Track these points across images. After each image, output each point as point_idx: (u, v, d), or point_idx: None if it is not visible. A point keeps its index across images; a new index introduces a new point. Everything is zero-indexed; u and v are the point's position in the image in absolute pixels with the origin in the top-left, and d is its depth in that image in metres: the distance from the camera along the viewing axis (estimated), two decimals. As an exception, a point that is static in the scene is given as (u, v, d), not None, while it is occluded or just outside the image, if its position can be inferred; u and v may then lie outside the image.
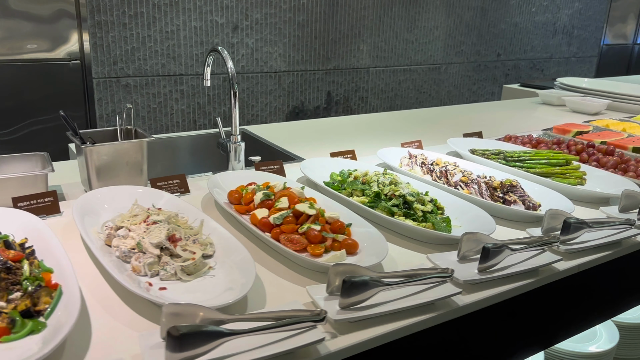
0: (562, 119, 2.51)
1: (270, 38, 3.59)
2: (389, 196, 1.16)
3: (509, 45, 4.94)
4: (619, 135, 1.91)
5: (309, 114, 3.93)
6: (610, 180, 1.43)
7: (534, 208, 1.23)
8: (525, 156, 1.50)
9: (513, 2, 4.81)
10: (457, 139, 1.72)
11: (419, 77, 4.46)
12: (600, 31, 5.63)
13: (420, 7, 4.25)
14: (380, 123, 2.31)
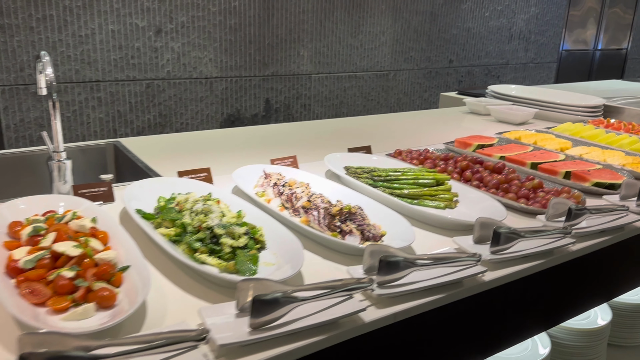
0: (487, 128, 2.35)
1: (199, 42, 3.41)
2: (197, 228, 0.99)
3: (461, 51, 4.81)
4: (523, 148, 1.76)
5: (246, 121, 3.75)
6: (484, 203, 1.27)
7: (375, 238, 1.06)
8: (393, 175, 1.34)
9: (465, 7, 4.69)
10: (337, 155, 1.55)
11: (366, 84, 4.31)
12: (559, 36, 5.53)
13: (364, 12, 4.10)
14: (288, 134, 2.14)
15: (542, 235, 1.10)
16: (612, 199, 1.37)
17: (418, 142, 1.96)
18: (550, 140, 1.91)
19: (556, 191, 1.38)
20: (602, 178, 1.47)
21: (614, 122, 2.24)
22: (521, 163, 1.62)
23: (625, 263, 1.35)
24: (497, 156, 1.69)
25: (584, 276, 1.23)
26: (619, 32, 6.14)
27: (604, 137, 1.98)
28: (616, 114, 2.48)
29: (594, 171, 1.52)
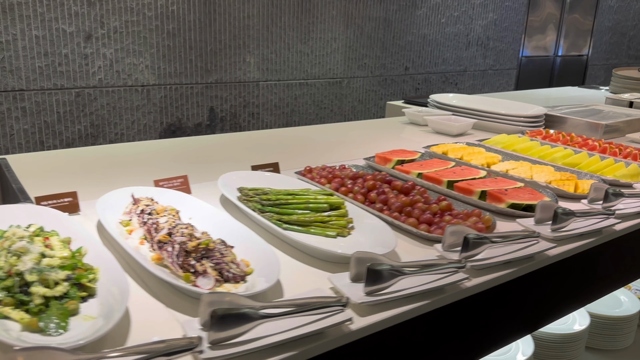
0: (425, 140, 2.23)
1: (134, 48, 3.23)
2: (7, 274, 0.82)
3: (417, 58, 4.71)
4: (445, 164, 1.63)
5: (188, 131, 3.58)
6: (379, 230, 1.13)
7: (236, 278, 0.91)
8: (283, 199, 1.19)
9: (420, 13, 4.59)
10: (237, 174, 1.40)
11: (318, 91, 4.17)
12: (518, 43, 5.48)
13: (314, 18, 3.97)
14: (211, 147, 1.98)
15: (431, 270, 0.96)
16: (526, 223, 1.25)
17: (346, 156, 1.82)
18: (478, 154, 1.79)
19: (465, 214, 1.25)
20: (519, 198, 1.34)
21: (553, 133, 2.14)
22: (437, 181, 1.48)
23: (540, 295, 1.22)
24: (415, 173, 1.56)
25: (477, 317, 1.10)
26: (579, 38, 6.13)
27: (537, 150, 1.86)
28: (559, 123, 2.38)
29: (513, 190, 1.39)
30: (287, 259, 1.06)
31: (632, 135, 2.26)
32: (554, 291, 1.26)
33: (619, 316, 1.63)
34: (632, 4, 6.65)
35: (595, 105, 2.75)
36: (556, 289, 1.26)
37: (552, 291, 1.25)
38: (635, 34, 6.90)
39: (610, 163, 1.74)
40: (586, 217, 1.26)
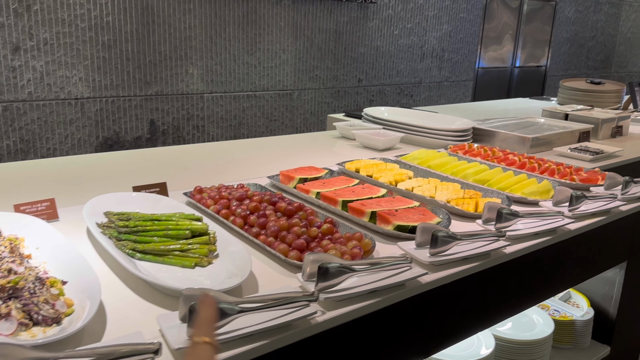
0: (350, 154, 2.17)
1: (66, 60, 3.13)
2: None
3: (371, 70, 4.68)
4: (348, 182, 1.56)
5: (127, 145, 3.47)
6: (243, 258, 1.05)
7: (46, 321, 0.82)
8: (141, 226, 1.10)
9: (372, 25, 4.57)
10: (112, 197, 1.31)
11: (268, 103, 4.10)
12: (474, 54, 5.49)
13: (261, 29, 3.91)
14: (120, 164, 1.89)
15: (278, 304, 0.89)
16: (407, 247, 1.18)
17: (263, 172, 1.74)
18: (389, 170, 1.73)
19: (346, 238, 1.18)
20: (407, 220, 1.28)
21: (476, 147, 2.09)
22: (333, 201, 1.42)
23: (413, 328, 1.15)
24: (314, 192, 1.49)
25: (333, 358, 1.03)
26: (537, 49, 6.18)
27: (452, 166, 1.81)
28: (488, 137, 2.34)
29: (404, 211, 1.33)
30: (127, 293, 0.97)
31: (560, 149, 2.23)
32: (431, 323, 1.19)
33: (530, 340, 1.57)
34: (589, 15, 6.74)
35: (532, 117, 2.72)
36: (433, 320, 1.19)
37: (427, 323, 1.18)
38: (594, 45, 7.00)
39: (522, 179, 1.69)
40: (472, 240, 1.20)
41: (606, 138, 2.58)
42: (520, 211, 1.33)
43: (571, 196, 1.44)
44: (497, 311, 1.36)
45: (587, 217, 1.47)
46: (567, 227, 1.39)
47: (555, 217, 1.38)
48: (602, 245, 1.59)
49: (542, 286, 1.47)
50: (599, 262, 1.63)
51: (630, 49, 7.60)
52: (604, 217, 1.49)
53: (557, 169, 1.82)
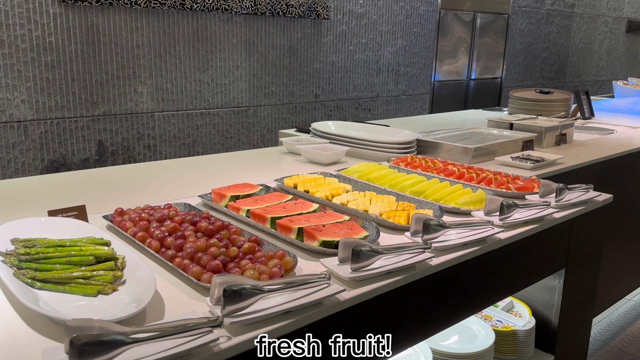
0: (295, 170, 2.14)
1: (7, 82, 3.03)
2: None
3: (327, 85, 4.69)
4: (281, 198, 1.53)
5: (74, 167, 3.37)
6: (148, 284, 1.00)
7: None
8: (43, 253, 1.05)
9: (326, 41, 4.58)
10: (23, 222, 1.24)
11: (222, 121, 4.05)
12: (430, 68, 5.56)
13: (212, 46, 3.87)
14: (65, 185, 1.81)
15: (176, 333, 0.84)
16: (329, 263, 1.15)
17: (203, 189, 1.69)
18: (326, 185, 1.71)
19: (268, 256, 1.14)
20: (334, 235, 1.25)
21: (417, 159, 2.09)
22: (262, 218, 1.38)
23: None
24: (245, 210, 1.45)
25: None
26: (492, 62, 6.31)
27: (390, 178, 1.80)
28: (432, 148, 2.34)
29: (332, 226, 1.30)
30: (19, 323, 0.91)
31: (501, 158, 2.24)
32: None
33: (470, 352, 1.55)
34: (541, 27, 6.93)
35: (477, 128, 2.75)
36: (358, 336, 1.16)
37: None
38: (547, 56, 7.18)
39: (457, 189, 1.68)
40: (397, 253, 1.18)
41: (550, 146, 2.62)
42: (449, 222, 1.32)
43: (501, 205, 1.44)
44: (430, 324, 1.34)
45: (519, 226, 1.47)
46: (497, 236, 1.38)
47: (485, 226, 1.37)
48: (538, 253, 1.59)
49: (478, 296, 1.46)
50: (537, 270, 1.63)
51: (582, 59, 7.84)
52: (536, 225, 1.49)
53: (495, 178, 1.83)
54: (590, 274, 1.82)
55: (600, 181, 2.49)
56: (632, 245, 3.02)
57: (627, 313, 3.15)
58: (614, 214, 2.73)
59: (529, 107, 3.65)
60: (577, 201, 1.66)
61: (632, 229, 2.99)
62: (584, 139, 2.91)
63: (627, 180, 2.79)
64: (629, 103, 4.00)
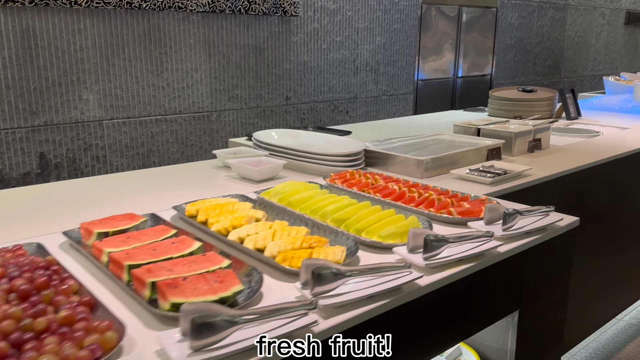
0: (230, 188, 1.86)
1: None
2: None
3: (299, 86, 4.40)
4: (161, 234, 1.25)
5: (13, 182, 3.11)
6: None
7: None
8: None
9: (296, 39, 4.30)
10: None
11: (182, 127, 3.78)
12: (413, 66, 5.26)
13: (167, 47, 3.60)
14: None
15: None
16: (166, 339, 0.87)
17: (87, 218, 1.42)
18: (232, 213, 1.42)
19: (91, 329, 0.86)
20: (194, 293, 0.96)
21: (357, 175, 1.80)
22: (120, 267, 1.10)
23: None
24: (106, 253, 1.17)
25: None
26: (480, 58, 6.00)
27: (314, 202, 1.51)
28: (382, 160, 2.05)
29: (196, 278, 1.01)
30: None
31: (458, 171, 1.95)
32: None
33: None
34: (533, 21, 6.61)
35: (441, 134, 2.46)
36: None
37: None
38: (541, 51, 6.86)
39: (388, 215, 1.40)
40: (264, 320, 0.89)
41: (522, 154, 2.33)
42: (349, 270, 1.03)
43: (425, 241, 1.15)
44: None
45: (450, 265, 1.18)
46: (417, 282, 1.10)
47: (401, 271, 1.09)
48: (480, 296, 1.30)
49: (412, 350, 1.17)
50: (484, 314, 1.34)
51: (578, 53, 7.51)
52: (473, 263, 1.21)
53: (438, 198, 1.54)
54: (553, 311, 1.53)
55: (579, 193, 2.20)
56: (620, 260, 2.72)
57: (616, 336, 2.84)
58: (597, 227, 2.44)
59: (509, 107, 3.36)
60: (532, 229, 1.37)
61: (620, 243, 2.69)
62: (565, 143, 2.61)
63: (613, 189, 2.49)
64: (620, 100, 3.69)
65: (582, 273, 2.41)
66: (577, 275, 2.35)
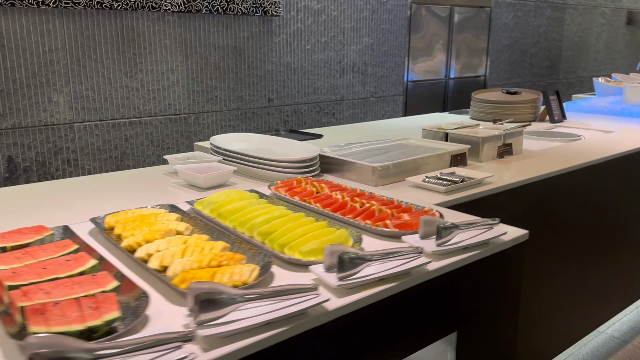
0: (173, 197, 1.77)
1: None
2: None
3: (282, 88, 4.31)
4: (62, 248, 1.16)
5: (-21, 186, 3.04)
6: None
7: None
8: None
9: (279, 40, 4.20)
10: None
11: (158, 130, 3.70)
12: (402, 67, 5.15)
13: (141, 48, 3.52)
14: None
15: None
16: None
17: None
18: (149, 226, 1.33)
19: None
20: (48, 320, 0.87)
21: (303, 183, 1.70)
22: (1, 287, 1.01)
23: None
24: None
25: None
26: (473, 58, 5.87)
27: (244, 213, 1.41)
28: (338, 166, 1.95)
29: (70, 303, 0.92)
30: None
31: (414, 179, 1.84)
32: None
33: None
34: (529, 20, 6.48)
35: (407, 139, 2.35)
36: None
37: None
38: (537, 52, 6.72)
39: (319, 227, 1.30)
40: (130, 354, 0.80)
41: (491, 159, 2.21)
42: (244, 294, 0.93)
43: (339, 260, 1.05)
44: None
45: (369, 285, 1.08)
46: (325, 306, 1.00)
47: (308, 294, 0.99)
48: (413, 316, 1.20)
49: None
50: (416, 337, 1.23)
51: (578, 53, 7.36)
52: (395, 283, 1.10)
53: (379, 209, 1.44)
54: (500, 332, 1.43)
55: (549, 202, 2.09)
56: (600, 271, 2.60)
57: (596, 349, 2.72)
58: (570, 236, 2.32)
59: (491, 110, 3.25)
60: (471, 244, 1.26)
61: (598, 252, 2.57)
62: (542, 148, 2.50)
63: (590, 196, 2.37)
64: (610, 102, 3.56)
65: (557, 284, 2.30)
66: (551, 286, 2.24)
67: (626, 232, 2.68)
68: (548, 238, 2.16)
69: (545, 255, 2.17)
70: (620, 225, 2.63)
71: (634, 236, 2.74)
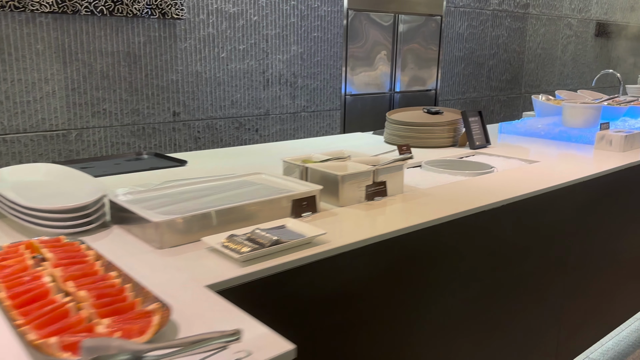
0: None
1: None
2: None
3: (190, 101, 3.81)
4: None
5: None
6: None
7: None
8: None
9: (185, 46, 3.71)
10: None
11: (28, 149, 3.18)
12: (339, 79, 4.68)
13: (5, 54, 3.01)
14: None
15: None
16: None
17: None
18: None
19: None
20: None
21: (43, 247, 1.20)
22: None
23: None
24: None
25: None
26: (422, 71, 5.42)
27: None
28: (127, 217, 1.45)
29: None
30: None
31: (209, 239, 1.34)
32: None
33: None
34: (486, 30, 6.05)
35: (258, 174, 1.86)
36: None
37: None
38: (496, 64, 6.30)
39: None
40: None
41: (357, 202, 1.73)
42: None
43: None
44: None
45: None
46: None
47: None
48: None
49: None
50: None
51: (541, 66, 6.95)
52: None
53: (78, 308, 0.94)
54: None
55: (412, 260, 1.60)
56: (504, 344, 2.12)
57: None
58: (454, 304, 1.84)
59: (405, 132, 2.78)
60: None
61: (497, 320, 2.09)
62: (437, 184, 2.01)
63: (482, 247, 1.90)
64: (547, 124, 3.11)
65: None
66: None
67: (536, 289, 2.21)
68: (417, 305, 1.69)
69: (427, 329, 1.69)
70: (524, 280, 2.16)
71: (546, 296, 2.27)
